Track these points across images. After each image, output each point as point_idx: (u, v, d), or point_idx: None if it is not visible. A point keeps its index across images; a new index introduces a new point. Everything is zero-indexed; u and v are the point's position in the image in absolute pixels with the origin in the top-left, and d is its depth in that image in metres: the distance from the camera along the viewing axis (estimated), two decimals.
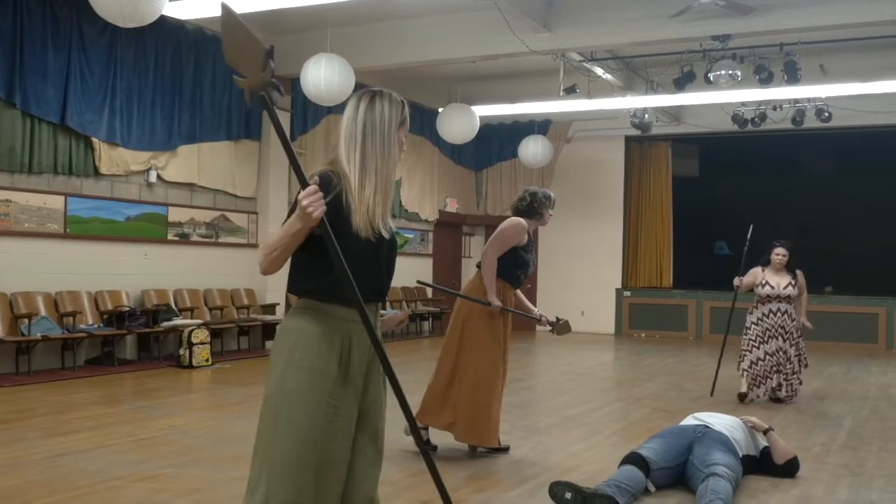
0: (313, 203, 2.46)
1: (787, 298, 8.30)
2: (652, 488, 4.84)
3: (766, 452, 5.39)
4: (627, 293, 16.60)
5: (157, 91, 10.64)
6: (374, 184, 2.70)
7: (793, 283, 8.33)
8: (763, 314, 8.35)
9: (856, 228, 16.20)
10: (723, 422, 5.35)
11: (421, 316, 15.54)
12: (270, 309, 12.13)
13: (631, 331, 16.42)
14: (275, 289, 12.38)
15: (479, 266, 5.82)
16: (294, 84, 12.16)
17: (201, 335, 10.09)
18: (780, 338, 8.28)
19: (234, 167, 11.90)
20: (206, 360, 10.08)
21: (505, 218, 5.99)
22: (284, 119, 12.58)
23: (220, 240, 11.81)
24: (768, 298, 8.32)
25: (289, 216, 2.62)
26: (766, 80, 11.85)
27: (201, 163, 11.36)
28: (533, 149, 15.27)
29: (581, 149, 16.54)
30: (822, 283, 15.83)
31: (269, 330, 11.99)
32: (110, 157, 10.08)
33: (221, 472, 5.20)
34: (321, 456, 2.63)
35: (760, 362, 8.25)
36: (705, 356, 8.61)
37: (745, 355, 8.34)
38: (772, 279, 8.33)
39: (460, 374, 5.65)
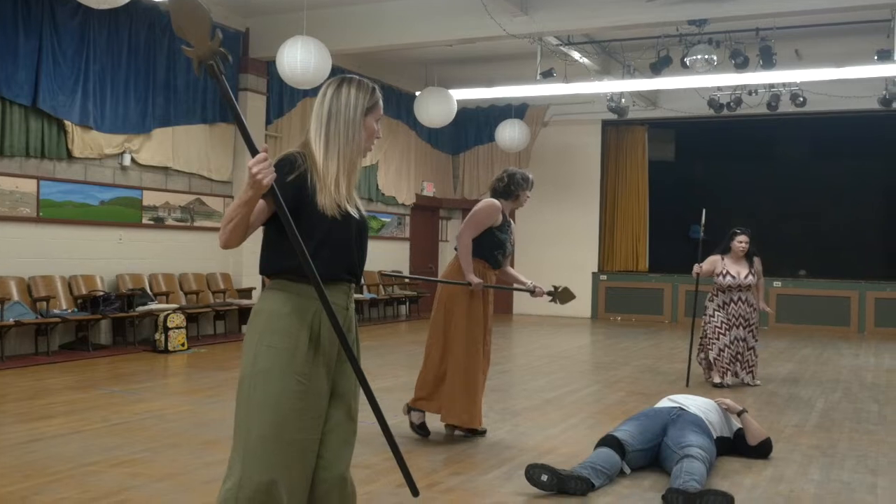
0: (262, 170, 2.52)
1: (748, 287, 8.30)
2: (627, 470, 4.88)
3: (739, 434, 5.45)
4: (603, 277, 16.68)
5: (130, 73, 10.52)
6: (336, 165, 2.78)
7: (752, 271, 8.32)
8: (724, 302, 8.32)
9: (830, 212, 16.38)
10: (697, 404, 5.40)
11: (398, 300, 15.54)
12: (246, 293, 12.08)
13: (607, 314, 16.51)
14: (251, 273, 12.34)
15: (456, 248, 5.82)
16: (270, 67, 12.10)
17: (177, 319, 10.04)
18: (741, 327, 8.30)
19: (209, 150, 11.82)
20: (182, 345, 10.04)
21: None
22: (260, 102, 12.50)
23: (196, 224, 11.74)
24: (729, 288, 8.29)
25: None
26: (741, 65, 11.90)
27: (176, 146, 11.27)
28: (510, 133, 15.27)
29: (558, 133, 16.56)
30: (796, 267, 16.03)
31: (245, 314, 11.94)
32: (83, 141, 9.98)
33: (198, 456, 5.18)
34: (293, 434, 2.68)
35: (727, 349, 8.25)
36: (680, 339, 8.70)
37: (712, 344, 8.30)
38: (732, 268, 8.30)
39: (447, 357, 5.67)
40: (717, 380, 8.23)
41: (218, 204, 12.07)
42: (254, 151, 2.58)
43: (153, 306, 10.29)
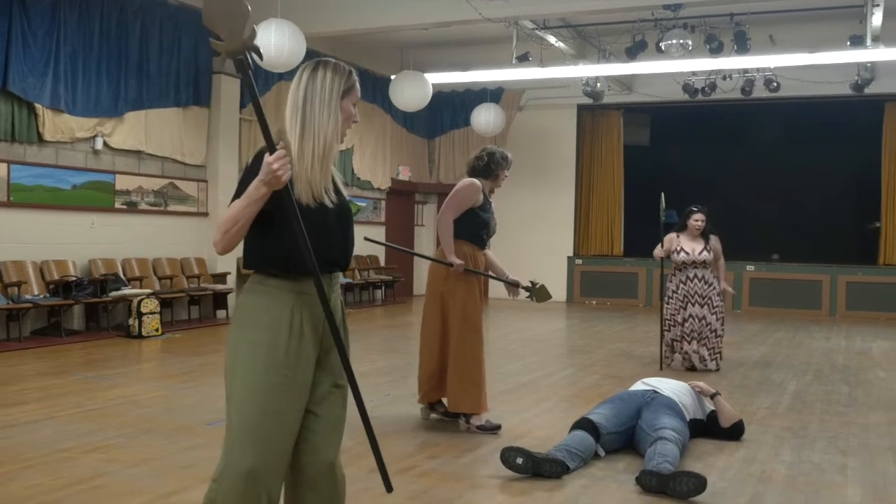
0: (283, 166, 2.51)
1: (703, 264, 8.24)
2: (602, 452, 4.91)
3: (712, 416, 5.50)
4: (579, 261, 16.74)
5: (102, 56, 10.39)
6: (312, 151, 2.70)
7: (707, 247, 8.25)
8: (681, 281, 8.31)
9: (802, 197, 16.50)
10: (671, 387, 5.45)
11: (374, 285, 15.52)
12: (221, 278, 12.02)
13: (582, 298, 16.58)
14: (225, 258, 12.25)
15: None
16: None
17: (151, 305, 9.98)
18: (697, 304, 8.23)
19: (182, 134, 11.71)
20: (156, 330, 9.98)
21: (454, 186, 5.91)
22: (234, 86, 12.40)
23: (170, 208, 11.64)
24: (684, 265, 8.27)
25: (239, 187, 2.67)
26: (716, 50, 11.96)
27: (149, 130, 11.16)
28: (485, 117, 15.25)
29: (533, 117, 16.56)
30: (770, 251, 16.17)
31: (219, 299, 11.89)
32: (54, 124, 9.85)
33: (172, 441, 5.16)
34: (274, 426, 2.68)
35: (679, 327, 8.26)
36: (655, 323, 8.77)
37: (670, 326, 8.32)
38: (687, 245, 8.27)
39: (451, 348, 5.54)
40: (678, 362, 8.28)
41: (192, 188, 11.98)
42: (272, 148, 2.56)
43: (126, 291, 10.21)
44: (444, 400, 5.73)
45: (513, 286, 5.87)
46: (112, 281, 10.25)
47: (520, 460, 4.50)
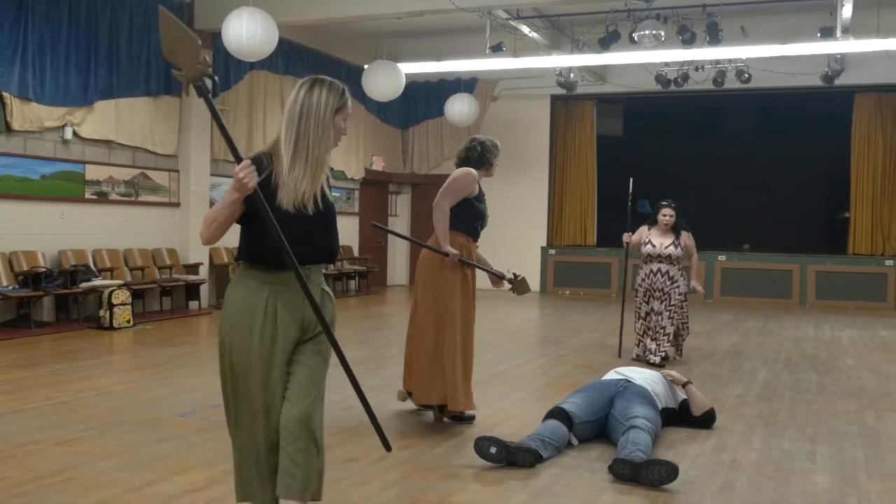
0: (248, 175, 2.82)
1: (668, 258, 8.07)
2: (575, 441, 4.94)
3: (684, 405, 5.55)
4: (552, 251, 16.80)
5: (71, 44, 10.26)
6: (304, 163, 3.00)
7: (675, 242, 8.09)
8: (647, 274, 8.19)
9: (773, 187, 16.66)
10: (643, 376, 5.49)
11: (347, 275, 15.48)
12: (193, 269, 11.94)
13: (556, 288, 16.65)
14: (197, 248, 12.18)
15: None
16: (215, 39, 11.87)
17: (122, 296, 9.89)
18: (658, 300, 8.10)
19: (153, 124, 11.60)
20: (128, 322, 9.90)
21: (433, 175, 5.87)
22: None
23: (141, 198, 11.54)
24: (650, 258, 8.16)
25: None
26: (688, 41, 12.02)
27: (119, 119, 11.04)
28: (459, 107, 15.23)
29: (507, 107, 16.57)
30: (741, 241, 16.31)
31: (192, 290, 11.80)
32: (23, 113, 9.72)
33: (145, 433, 5.13)
34: (258, 399, 3.06)
35: (641, 321, 8.20)
36: (628, 313, 8.83)
37: (637, 316, 8.27)
38: (655, 238, 8.15)
39: (443, 344, 5.39)
40: (650, 358, 7.99)
41: (163, 178, 11.87)
42: (239, 158, 2.87)
43: (97, 283, 10.12)
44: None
45: (498, 278, 5.82)
46: (82, 272, 10.15)
47: (493, 450, 4.51)
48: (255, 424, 3.09)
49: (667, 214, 8.15)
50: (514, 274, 5.97)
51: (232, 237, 3.15)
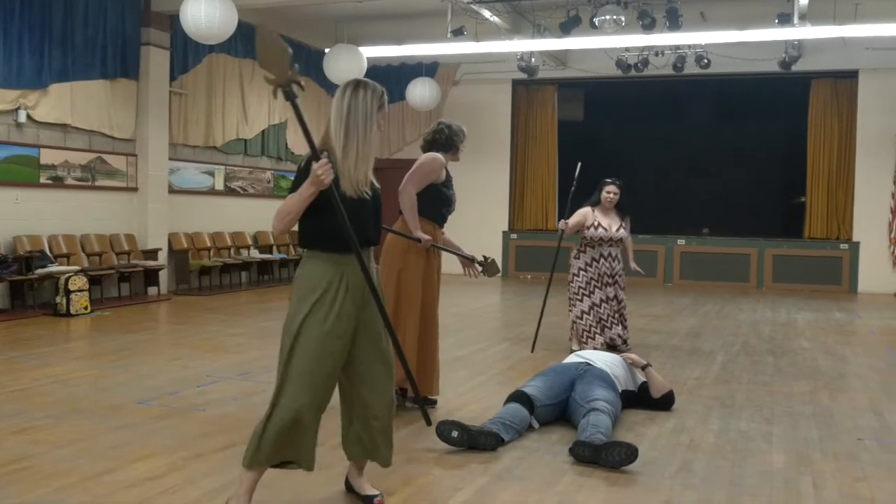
0: (326, 172, 3.22)
1: (619, 242, 7.77)
2: (536, 424, 4.98)
3: (643, 387, 5.61)
4: (514, 236, 16.85)
5: (24, 25, 10.05)
6: (355, 156, 3.41)
7: (624, 224, 7.77)
8: (594, 258, 7.74)
9: (732, 172, 16.85)
10: (603, 359, 5.53)
11: None
12: (152, 254, 11.80)
13: (517, 273, 16.71)
14: (156, 233, 12.05)
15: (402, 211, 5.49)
16: (173, 21, 11.72)
17: (79, 282, 9.75)
18: (615, 285, 7.74)
19: (110, 107, 11.42)
20: (85, 308, 9.77)
21: (394, 160, 5.80)
22: (164, 58, 12.11)
23: (98, 183, 11.37)
24: (600, 242, 7.70)
25: (295, 182, 3.41)
26: (648, 26, 12.08)
27: (75, 102, 10.86)
28: (420, 91, 15.18)
29: (468, 92, 16.54)
30: (700, 225, 16.49)
31: (151, 276, 11.68)
32: None
33: (103, 421, 5.07)
34: (323, 370, 3.42)
35: (594, 309, 7.67)
36: (561, 304, 8.90)
37: (573, 305, 7.77)
38: (603, 221, 7.70)
39: (404, 329, 5.33)
40: (574, 346, 7.61)
41: (121, 163, 11.70)
42: (316, 156, 3.25)
43: (53, 269, 9.96)
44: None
45: (468, 261, 5.79)
46: (38, 258, 9.99)
47: (455, 433, 4.53)
48: (314, 390, 3.41)
49: (611, 192, 7.73)
50: (484, 256, 5.97)
51: (187, 223, 3.15)
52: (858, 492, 4.07)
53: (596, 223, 7.70)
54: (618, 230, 7.71)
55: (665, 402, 5.60)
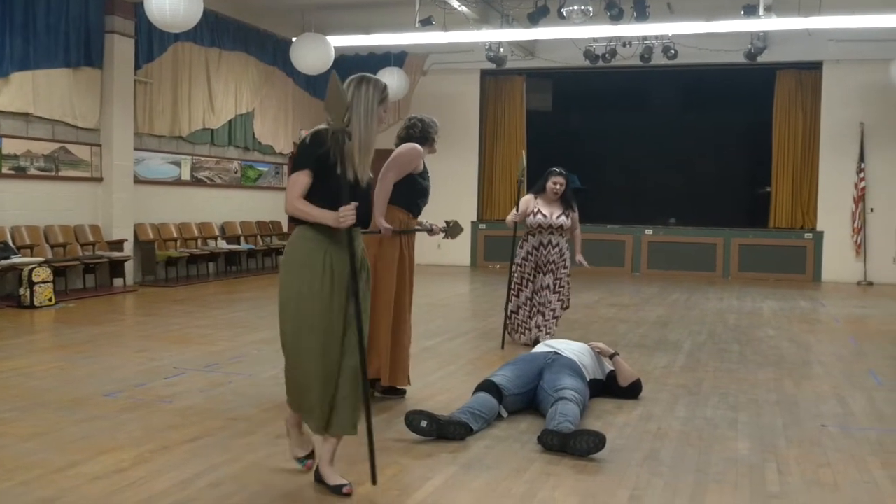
0: (348, 218, 3.57)
1: (560, 229, 7.59)
2: (504, 413, 5.00)
3: (611, 376, 5.65)
4: (483, 226, 16.88)
5: None
6: (357, 143, 3.67)
7: (566, 212, 7.61)
8: (534, 247, 7.65)
9: (698, 162, 16.99)
10: (571, 348, 5.56)
11: (277, 251, 15.31)
12: (117, 245, 11.67)
13: (486, 262, 16.74)
14: (121, 224, 11.92)
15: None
16: (137, 9, 11.56)
17: (43, 274, 9.62)
18: (551, 273, 7.59)
19: (73, 96, 11.26)
20: (50, 300, 9.64)
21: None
22: (128, 46, 11.96)
23: (62, 173, 11.21)
24: (540, 229, 7.60)
25: (299, 159, 3.75)
26: (616, 17, 12.11)
27: (37, 91, 10.69)
28: (388, 81, 14.67)
29: (437, 82, 16.52)
30: (666, 215, 16.62)
31: (116, 267, 11.55)
32: None
33: (68, 413, 5.01)
34: (319, 335, 3.66)
35: (529, 302, 7.62)
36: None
37: (512, 297, 7.64)
38: (544, 208, 7.59)
39: (377, 319, 5.34)
40: (521, 338, 7.59)
41: (85, 152, 11.55)
42: (347, 200, 3.59)
43: (16, 260, 9.82)
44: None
45: (432, 231, 5.80)
46: (0, 249, 9.84)
47: (424, 423, 4.54)
48: (312, 360, 3.67)
49: (557, 182, 7.59)
50: (447, 221, 6.00)
51: (153, 213, 3.10)
52: (821, 477, 4.13)
53: (536, 210, 7.61)
54: (558, 217, 7.56)
55: (632, 391, 5.64)
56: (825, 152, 15.13)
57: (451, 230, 5.96)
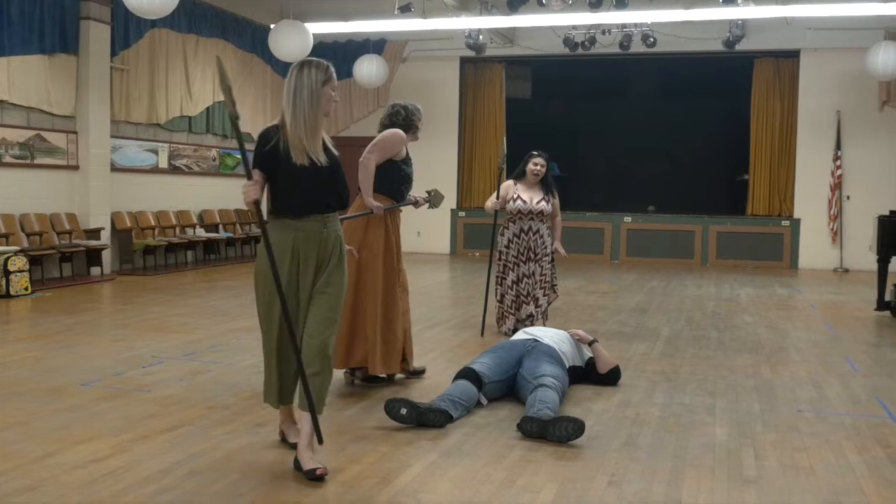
0: (247, 193, 3.70)
1: (541, 215, 7.39)
2: (484, 401, 5.01)
3: (590, 363, 5.67)
4: (462, 213, 16.87)
5: None
6: (302, 125, 3.81)
7: (546, 198, 7.42)
8: (515, 234, 7.46)
9: (677, 150, 17.05)
10: (550, 335, 5.58)
11: (255, 239, 15.25)
12: (94, 234, 11.58)
13: (465, 250, 16.74)
14: (98, 212, 11.82)
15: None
16: None
17: (19, 262, 9.54)
18: (533, 261, 7.43)
19: (49, 83, 11.13)
20: (26, 289, 9.56)
21: (341, 137, 5.77)
22: (104, 32, 11.83)
23: (37, 161, 11.10)
24: (520, 215, 7.39)
25: (254, 157, 3.89)
26: (595, 5, 12.11)
27: (12, 78, 10.57)
28: (368, 68, 15.08)
29: (416, 69, 16.47)
30: (646, 202, 16.68)
31: (93, 255, 11.46)
32: None
33: (45, 403, 4.98)
34: (278, 325, 3.92)
35: (514, 288, 7.47)
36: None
37: (497, 286, 7.57)
38: (524, 193, 7.39)
39: (365, 306, 5.35)
40: (503, 327, 7.47)
41: (61, 140, 11.43)
42: (249, 175, 3.77)
43: None
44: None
45: (418, 203, 5.87)
46: None
47: (404, 411, 4.54)
48: (277, 340, 3.94)
49: (538, 164, 7.39)
50: (428, 191, 6.01)
51: (130, 202, 3.07)
52: (798, 462, 4.17)
53: (516, 196, 7.42)
54: (538, 203, 7.38)
55: (611, 378, 5.67)
56: (802, 140, 15.23)
57: (434, 199, 6.03)
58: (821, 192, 15.02)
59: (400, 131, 5.59)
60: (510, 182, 7.55)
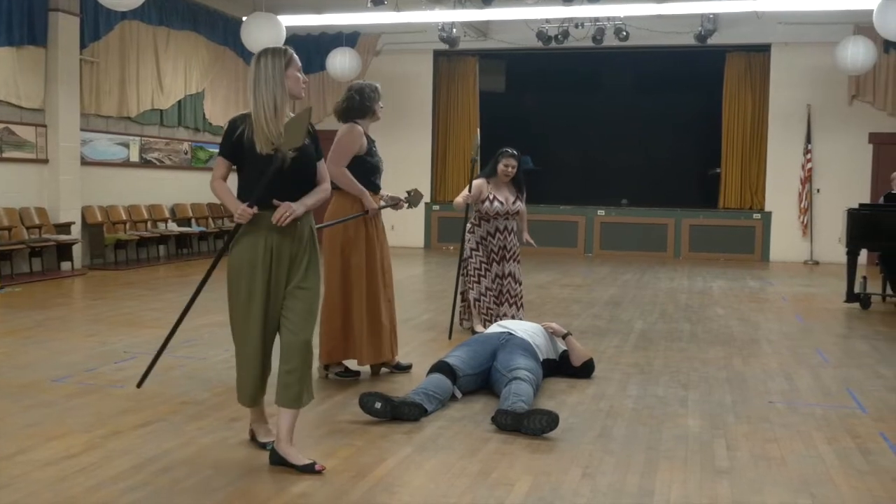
0: (241, 217, 3.77)
1: (516, 214, 7.36)
2: (459, 394, 5.02)
3: (564, 356, 5.70)
4: (436, 207, 16.86)
5: None
6: (264, 113, 3.79)
7: (520, 196, 7.37)
8: (489, 233, 7.32)
9: (649, 144, 17.14)
10: (525, 328, 5.60)
11: (228, 233, 15.16)
12: (65, 228, 11.45)
13: (440, 244, 16.74)
14: (68, 207, 11.70)
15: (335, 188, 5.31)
16: None
17: None
18: (507, 260, 7.31)
19: (17, 75, 10.99)
20: None
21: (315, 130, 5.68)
22: (73, 24, 11.69)
23: (5, 155, 10.95)
24: (496, 216, 7.28)
25: (221, 147, 3.96)
26: None
27: None
28: (341, 61, 15.03)
29: (390, 62, 16.42)
30: (619, 196, 16.76)
31: (63, 250, 11.33)
32: None
33: (16, 400, 4.92)
34: (258, 313, 3.87)
35: (489, 292, 7.26)
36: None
37: (473, 284, 7.28)
38: (499, 194, 7.28)
39: (352, 302, 5.40)
40: (478, 328, 7.05)
41: (29, 133, 11.29)
42: (238, 206, 3.80)
43: None
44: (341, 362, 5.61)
45: (398, 206, 5.84)
46: None
47: (378, 405, 4.54)
48: (255, 339, 3.88)
49: (510, 165, 7.25)
50: (408, 191, 5.98)
51: (101, 196, 3.04)
52: (769, 452, 4.21)
53: (491, 197, 7.27)
54: (514, 203, 7.31)
55: (585, 370, 5.70)
56: (773, 134, 15.36)
57: (412, 199, 5.99)
58: (791, 186, 15.17)
59: (355, 127, 5.48)
60: (482, 181, 7.35)
